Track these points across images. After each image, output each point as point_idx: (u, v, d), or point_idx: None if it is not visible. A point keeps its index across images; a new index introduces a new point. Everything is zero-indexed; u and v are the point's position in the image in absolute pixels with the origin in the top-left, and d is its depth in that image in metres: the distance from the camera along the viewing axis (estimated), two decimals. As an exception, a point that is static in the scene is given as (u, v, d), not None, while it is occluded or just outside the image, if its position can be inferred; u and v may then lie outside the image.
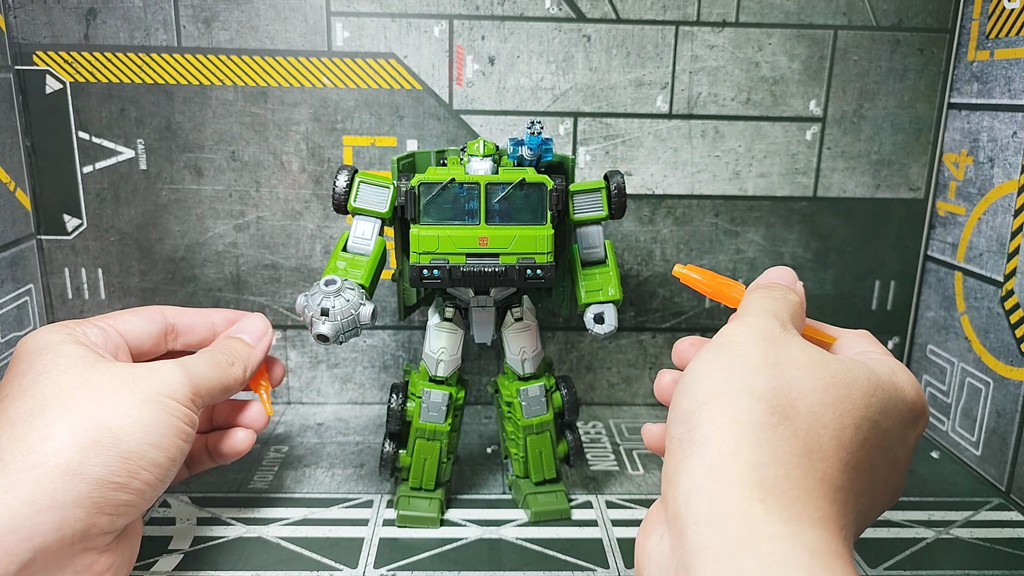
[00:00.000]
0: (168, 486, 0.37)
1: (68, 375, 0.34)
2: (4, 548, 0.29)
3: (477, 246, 0.42)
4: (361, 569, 0.43)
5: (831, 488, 0.27)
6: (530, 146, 0.44)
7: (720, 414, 0.28)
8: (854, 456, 0.29)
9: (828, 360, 0.30)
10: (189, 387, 0.37)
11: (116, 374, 0.35)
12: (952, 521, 0.50)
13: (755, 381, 0.28)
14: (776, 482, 0.26)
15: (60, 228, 0.60)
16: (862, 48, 0.60)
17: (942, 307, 0.61)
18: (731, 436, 0.27)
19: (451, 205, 0.42)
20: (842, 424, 0.28)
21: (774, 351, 0.30)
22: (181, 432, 0.36)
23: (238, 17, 0.57)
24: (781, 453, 0.27)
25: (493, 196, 0.42)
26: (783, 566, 0.24)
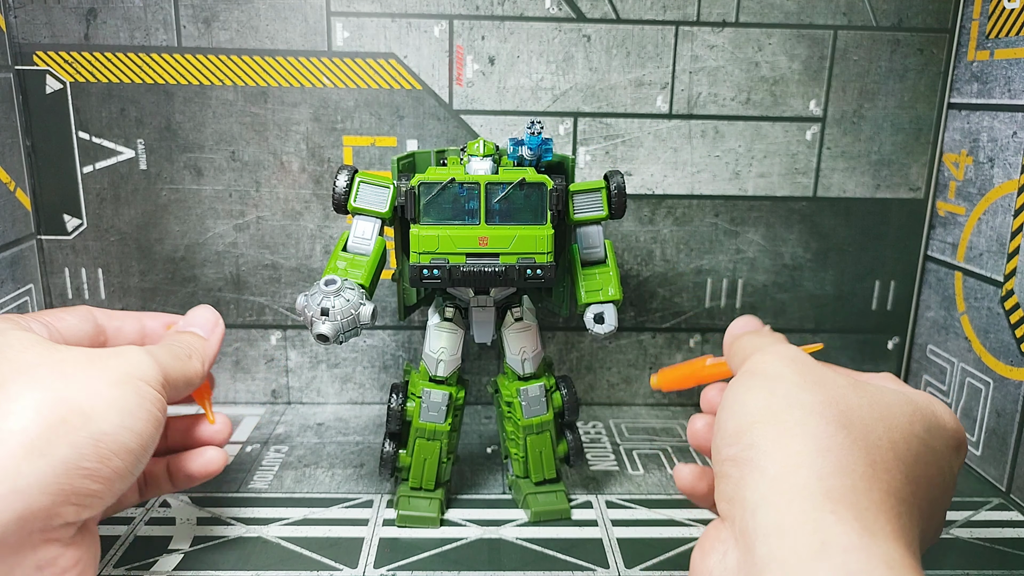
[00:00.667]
0: (127, 485, 0.33)
1: (28, 353, 0.31)
2: None
3: (477, 246, 0.42)
4: (361, 569, 0.43)
5: (897, 501, 0.26)
6: (530, 146, 0.44)
7: (775, 429, 0.27)
8: (912, 470, 0.28)
9: (863, 381, 0.30)
10: (159, 371, 0.34)
11: (81, 353, 0.32)
12: (952, 521, 0.50)
13: (802, 396, 0.28)
14: (844, 492, 0.25)
15: (60, 228, 0.60)
16: (862, 48, 0.60)
17: (942, 307, 0.61)
18: (792, 448, 0.27)
19: (451, 205, 0.42)
20: (894, 438, 0.28)
21: (810, 372, 0.30)
22: (153, 418, 0.33)
23: (238, 17, 0.57)
24: (846, 463, 0.26)
25: (493, 196, 0.42)
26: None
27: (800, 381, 0.29)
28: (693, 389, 0.62)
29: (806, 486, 0.25)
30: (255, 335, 0.63)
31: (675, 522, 0.48)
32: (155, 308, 0.62)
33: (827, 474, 0.26)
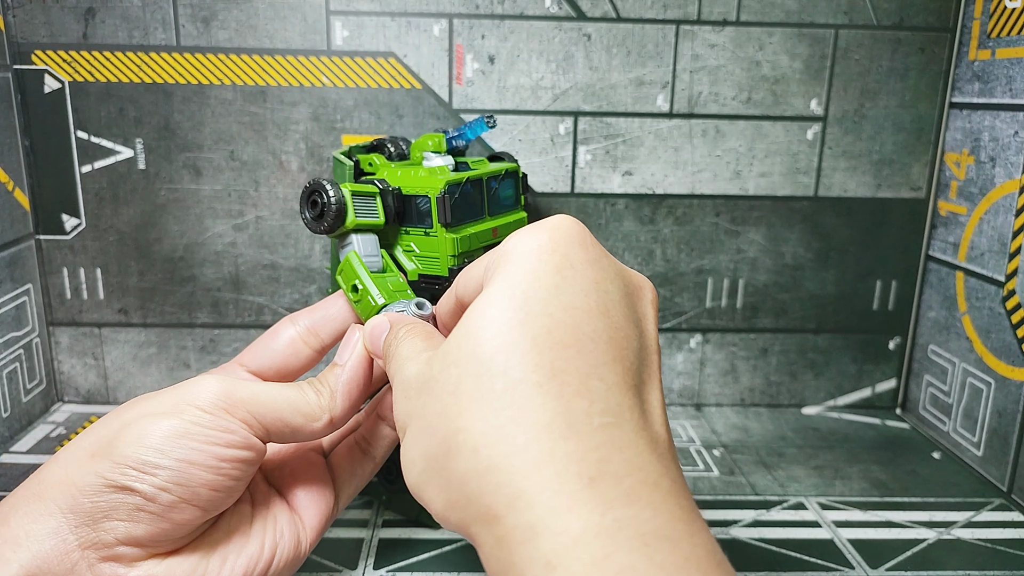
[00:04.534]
0: (217, 492, 0.32)
1: (117, 408, 0.34)
2: (2, 555, 0.29)
3: (492, 238, 0.44)
4: (361, 569, 0.43)
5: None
6: (472, 136, 0.45)
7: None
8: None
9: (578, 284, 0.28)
10: (220, 395, 0.32)
11: (147, 397, 0.33)
12: (953, 522, 0.49)
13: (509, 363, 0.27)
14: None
15: (59, 228, 0.60)
16: (863, 47, 0.60)
17: (943, 307, 0.61)
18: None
19: (464, 203, 0.42)
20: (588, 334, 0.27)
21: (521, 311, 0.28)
22: (199, 435, 0.31)
23: (237, 16, 0.57)
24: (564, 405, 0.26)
25: (490, 189, 0.43)
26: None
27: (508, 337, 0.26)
28: (695, 389, 0.62)
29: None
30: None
31: (676, 523, 0.48)
32: (154, 308, 0.62)
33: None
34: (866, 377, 0.67)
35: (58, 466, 0.31)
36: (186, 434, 0.31)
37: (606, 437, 0.23)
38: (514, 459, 0.23)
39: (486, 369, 0.25)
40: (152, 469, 0.30)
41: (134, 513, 0.31)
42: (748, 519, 0.49)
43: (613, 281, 0.28)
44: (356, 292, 0.39)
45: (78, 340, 0.62)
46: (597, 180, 0.61)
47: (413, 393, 0.28)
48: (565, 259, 0.27)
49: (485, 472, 0.23)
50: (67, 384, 0.64)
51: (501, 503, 0.23)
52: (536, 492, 0.22)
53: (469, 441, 0.24)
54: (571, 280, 0.27)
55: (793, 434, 0.62)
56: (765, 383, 0.66)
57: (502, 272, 0.27)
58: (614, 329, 0.26)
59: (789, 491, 0.53)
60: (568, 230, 0.28)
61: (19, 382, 0.58)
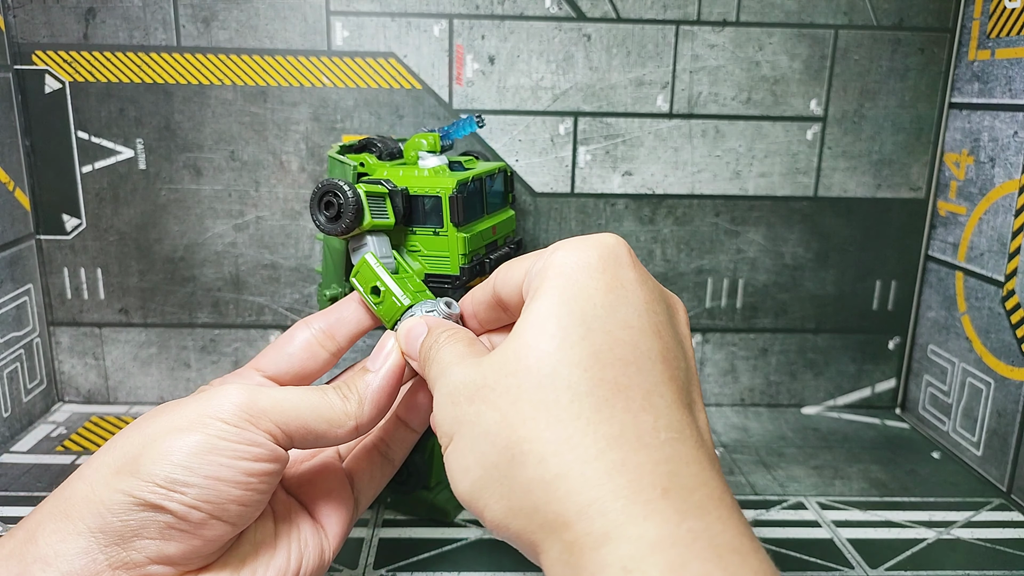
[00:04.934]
0: (246, 507, 0.31)
1: (136, 420, 0.33)
2: (32, 575, 0.29)
3: (492, 236, 0.44)
4: (361, 569, 0.43)
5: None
6: (460, 135, 0.46)
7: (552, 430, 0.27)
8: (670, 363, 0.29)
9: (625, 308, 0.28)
10: (243, 406, 0.31)
11: (167, 408, 0.32)
12: (953, 521, 0.49)
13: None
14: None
15: (59, 228, 0.60)
16: (863, 48, 0.60)
17: (943, 307, 0.61)
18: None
19: (469, 202, 0.42)
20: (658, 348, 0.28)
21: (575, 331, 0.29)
22: (226, 450, 0.30)
23: (237, 16, 0.57)
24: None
25: (487, 187, 0.44)
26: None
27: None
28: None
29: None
30: (255, 335, 0.63)
31: (675, 523, 0.48)
32: (154, 308, 0.62)
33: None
34: (866, 377, 0.67)
35: (83, 483, 0.30)
36: (213, 449, 0.30)
37: (673, 451, 0.24)
38: (585, 468, 0.23)
39: (550, 381, 0.25)
40: (181, 487, 0.30)
41: (165, 531, 0.30)
42: (748, 519, 0.49)
43: (659, 302, 0.29)
44: (377, 295, 0.38)
45: (78, 340, 0.62)
46: (597, 180, 0.61)
47: (463, 400, 0.27)
48: (616, 279, 0.28)
49: (554, 480, 0.24)
50: (67, 384, 0.64)
51: (571, 510, 0.23)
52: (611, 500, 0.23)
53: (536, 450, 0.24)
54: (624, 300, 0.27)
55: (793, 434, 0.62)
56: (765, 383, 0.66)
57: (553, 286, 0.28)
58: (666, 350, 0.27)
59: (789, 491, 0.53)
60: (615, 249, 0.29)
61: (19, 382, 0.58)
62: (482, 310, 0.34)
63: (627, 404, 0.25)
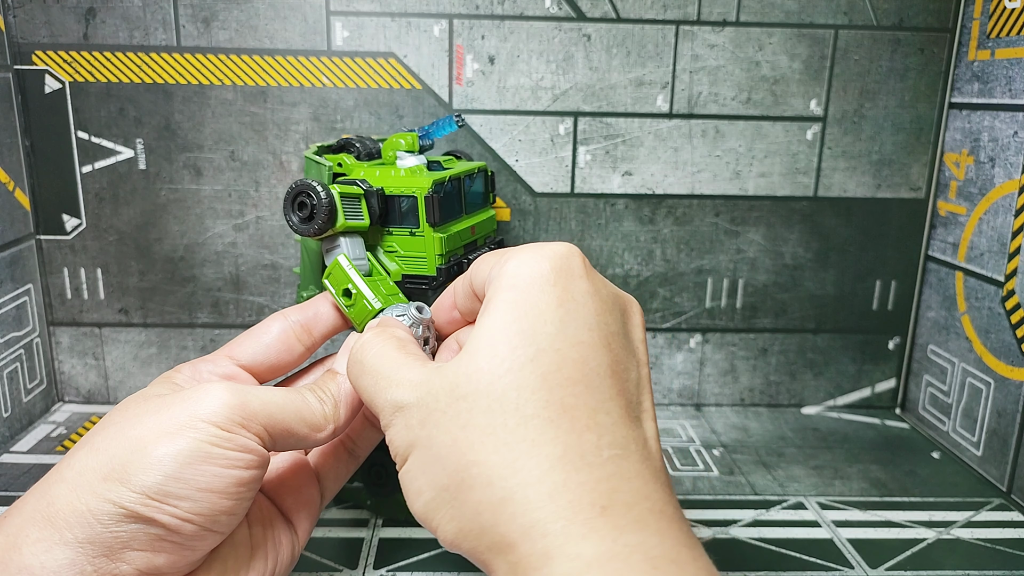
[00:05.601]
0: (236, 516, 0.31)
1: (111, 415, 0.32)
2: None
3: (471, 236, 0.44)
4: (361, 569, 0.43)
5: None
6: (439, 134, 0.46)
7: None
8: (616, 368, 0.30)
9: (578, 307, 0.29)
10: (235, 409, 0.31)
11: (156, 404, 0.31)
12: (953, 521, 0.49)
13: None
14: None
15: (59, 228, 0.60)
16: (863, 48, 0.60)
17: (943, 307, 0.61)
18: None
19: (447, 202, 0.42)
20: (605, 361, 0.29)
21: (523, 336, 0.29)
22: (218, 458, 0.30)
23: (237, 16, 0.57)
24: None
25: (466, 187, 0.44)
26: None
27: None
28: (695, 389, 0.62)
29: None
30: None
31: (675, 523, 0.48)
32: (154, 308, 0.62)
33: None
34: (866, 377, 0.67)
35: (66, 488, 0.29)
36: (207, 458, 0.29)
37: (615, 468, 0.25)
38: (528, 490, 0.24)
39: (499, 405, 0.26)
40: (174, 500, 0.29)
41: (155, 543, 0.29)
42: (748, 519, 0.49)
43: (611, 311, 0.29)
44: (349, 297, 0.38)
45: (78, 340, 0.63)
46: (597, 180, 0.61)
47: (416, 424, 0.28)
48: (567, 292, 0.28)
49: (500, 503, 0.25)
50: (68, 384, 0.64)
51: (516, 532, 0.24)
52: (551, 520, 0.24)
53: (484, 474, 0.25)
54: (574, 314, 0.28)
55: (793, 434, 0.62)
56: (765, 383, 0.67)
57: (504, 300, 0.28)
58: (616, 363, 0.28)
59: (789, 491, 0.53)
60: (567, 260, 0.29)
61: (20, 382, 0.58)
62: (462, 301, 0.35)
63: (572, 424, 0.25)
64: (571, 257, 0.29)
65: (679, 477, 0.54)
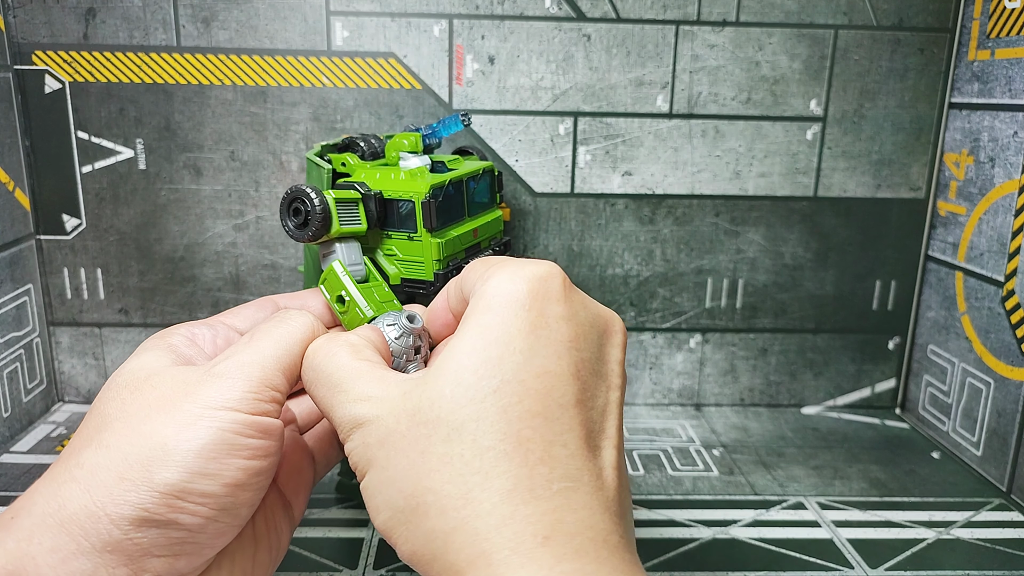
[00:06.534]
0: (253, 507, 0.30)
1: (113, 404, 0.30)
2: None
3: (473, 239, 0.43)
4: (361, 569, 0.43)
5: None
6: (445, 133, 0.45)
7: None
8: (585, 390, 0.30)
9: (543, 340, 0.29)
10: (250, 387, 0.30)
11: (162, 394, 0.30)
12: (953, 521, 0.50)
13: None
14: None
15: (59, 228, 0.60)
16: (863, 48, 0.60)
17: (943, 307, 0.61)
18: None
19: (446, 205, 0.42)
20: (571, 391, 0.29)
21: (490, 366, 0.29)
22: (242, 449, 0.29)
23: (237, 17, 0.57)
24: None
25: (469, 189, 0.44)
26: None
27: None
28: (695, 389, 0.62)
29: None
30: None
31: (675, 522, 0.48)
32: (154, 308, 0.62)
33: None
34: (865, 377, 0.67)
35: (79, 489, 0.27)
36: (231, 450, 0.28)
37: (563, 500, 0.26)
38: (478, 522, 0.25)
39: (457, 435, 0.26)
40: (200, 499, 0.28)
41: (175, 547, 0.28)
42: (748, 519, 0.49)
43: (587, 336, 0.29)
44: (342, 303, 0.38)
45: (78, 340, 0.63)
46: (597, 180, 0.61)
47: (373, 442, 0.28)
48: (541, 317, 0.28)
49: (451, 532, 0.25)
50: (68, 384, 0.64)
51: (463, 560, 0.25)
52: (496, 551, 0.25)
53: (438, 502, 0.26)
54: (545, 342, 0.28)
55: (792, 434, 0.62)
56: (764, 383, 0.67)
57: (479, 323, 0.28)
58: (582, 391, 0.28)
59: (788, 491, 0.53)
60: (546, 283, 0.29)
61: (20, 382, 0.58)
62: (455, 305, 0.34)
63: (525, 457, 0.26)
64: (550, 279, 0.29)
65: (679, 477, 0.54)
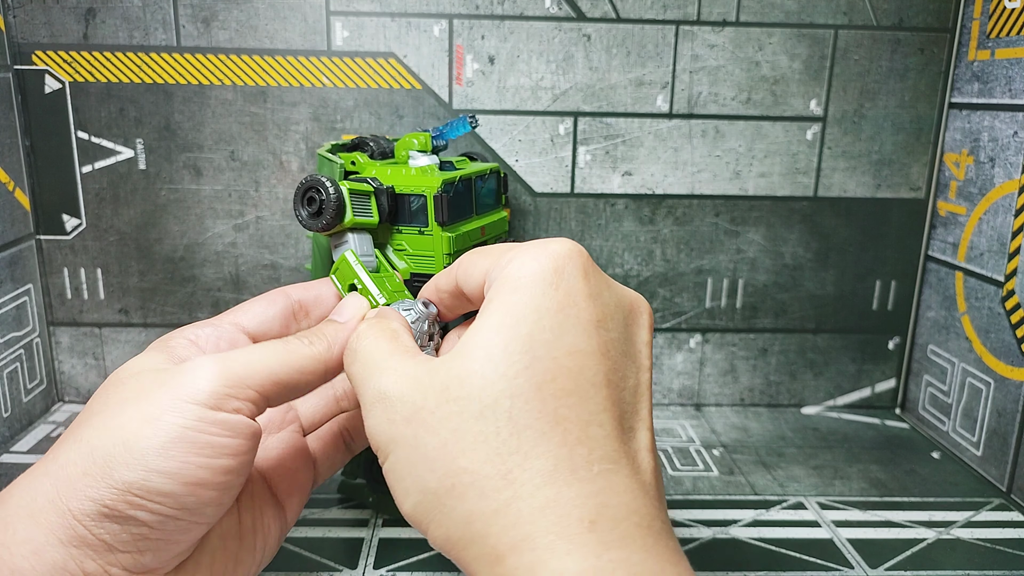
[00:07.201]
0: (222, 507, 0.30)
1: (98, 400, 0.31)
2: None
3: (480, 237, 0.44)
4: (361, 569, 0.43)
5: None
6: (454, 135, 0.45)
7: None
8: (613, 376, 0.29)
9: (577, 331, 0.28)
10: (220, 381, 0.29)
11: (140, 386, 0.30)
12: (953, 521, 0.50)
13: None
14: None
15: (59, 228, 0.60)
16: (863, 48, 0.60)
17: (943, 307, 0.61)
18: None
19: (457, 201, 0.42)
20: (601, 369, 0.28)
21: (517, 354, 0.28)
22: (205, 447, 0.28)
23: (237, 17, 0.57)
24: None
25: (477, 188, 0.44)
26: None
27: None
28: (695, 389, 0.61)
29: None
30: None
31: (675, 523, 0.48)
32: (154, 308, 0.62)
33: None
34: (865, 377, 0.67)
35: (49, 482, 0.28)
36: (192, 448, 0.28)
37: (605, 483, 0.25)
38: (521, 504, 0.24)
39: (491, 412, 0.25)
40: (158, 497, 0.27)
41: (139, 543, 0.28)
42: (748, 519, 0.49)
43: (614, 316, 0.28)
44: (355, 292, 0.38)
45: (78, 340, 0.63)
46: (597, 180, 0.61)
47: (400, 420, 0.27)
48: (568, 296, 0.27)
49: (493, 515, 0.24)
50: (67, 384, 0.64)
51: (506, 544, 0.24)
52: (540, 535, 0.24)
53: (476, 483, 0.25)
54: (574, 320, 0.27)
55: (792, 434, 0.62)
56: (765, 383, 0.67)
57: (505, 302, 0.27)
58: (613, 371, 0.27)
59: (789, 491, 0.53)
60: (570, 260, 0.28)
61: (19, 382, 0.58)
62: (446, 298, 0.34)
63: (564, 437, 0.25)
64: (575, 257, 0.28)
65: (679, 477, 0.54)
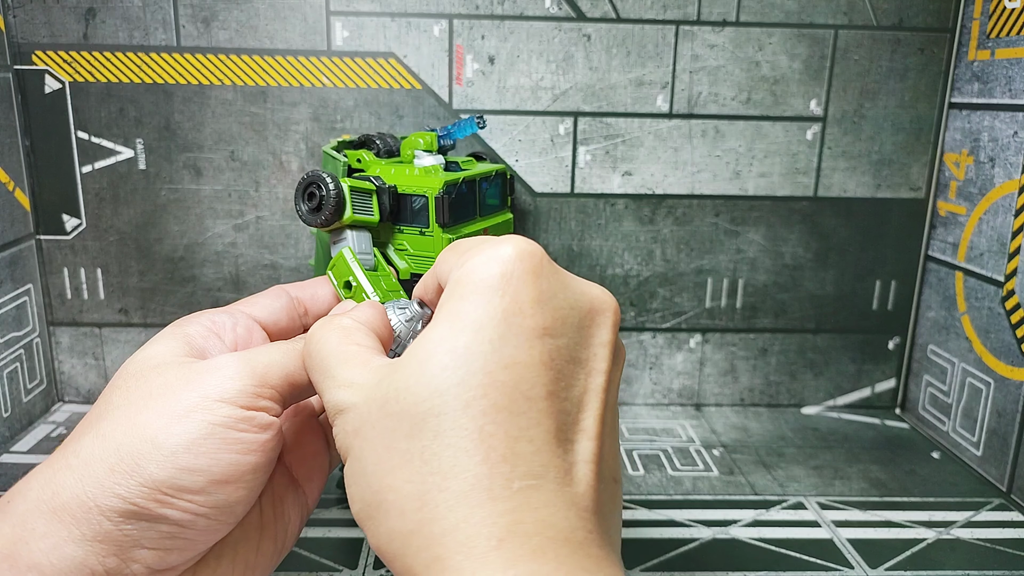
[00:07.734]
0: (248, 504, 0.30)
1: (118, 392, 0.30)
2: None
3: None
4: (361, 570, 0.43)
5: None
6: (461, 135, 0.45)
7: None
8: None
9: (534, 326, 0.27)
10: (248, 379, 0.29)
11: (165, 382, 0.30)
12: (953, 521, 0.50)
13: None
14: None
15: (59, 228, 0.60)
16: (863, 48, 0.60)
17: (943, 307, 0.61)
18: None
19: (459, 203, 0.42)
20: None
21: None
22: (234, 443, 0.28)
23: (237, 17, 0.57)
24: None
25: (481, 190, 0.44)
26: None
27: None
28: (695, 389, 0.61)
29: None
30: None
31: (675, 523, 0.48)
32: (154, 308, 0.62)
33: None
34: (865, 377, 0.67)
35: (72, 477, 0.28)
36: (223, 445, 0.28)
37: (523, 500, 0.24)
38: (433, 526, 0.24)
39: (418, 431, 0.25)
40: (188, 496, 0.27)
41: (166, 541, 0.28)
42: (748, 519, 0.49)
43: (566, 320, 0.27)
44: (349, 289, 0.38)
45: (78, 340, 0.63)
46: (597, 180, 0.61)
47: (349, 431, 0.27)
48: (514, 303, 0.26)
49: (409, 535, 0.25)
50: (67, 384, 0.64)
51: (420, 565, 0.24)
52: (449, 556, 0.24)
53: (397, 502, 0.25)
54: (517, 329, 0.26)
55: (792, 434, 0.62)
56: (764, 383, 0.67)
57: (450, 311, 0.27)
58: (554, 381, 0.26)
59: (788, 491, 0.53)
60: (520, 262, 0.27)
61: (19, 382, 0.58)
62: (433, 297, 0.34)
63: (487, 455, 0.25)
64: (525, 259, 0.27)
65: (679, 477, 0.54)
